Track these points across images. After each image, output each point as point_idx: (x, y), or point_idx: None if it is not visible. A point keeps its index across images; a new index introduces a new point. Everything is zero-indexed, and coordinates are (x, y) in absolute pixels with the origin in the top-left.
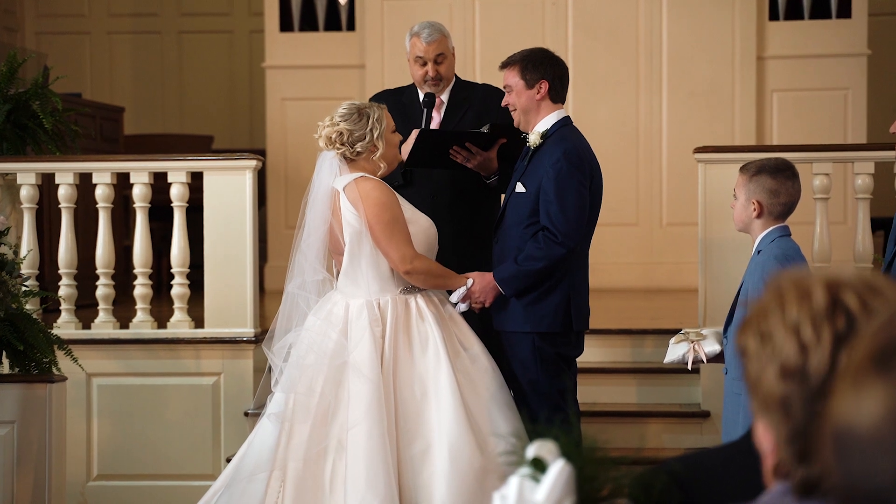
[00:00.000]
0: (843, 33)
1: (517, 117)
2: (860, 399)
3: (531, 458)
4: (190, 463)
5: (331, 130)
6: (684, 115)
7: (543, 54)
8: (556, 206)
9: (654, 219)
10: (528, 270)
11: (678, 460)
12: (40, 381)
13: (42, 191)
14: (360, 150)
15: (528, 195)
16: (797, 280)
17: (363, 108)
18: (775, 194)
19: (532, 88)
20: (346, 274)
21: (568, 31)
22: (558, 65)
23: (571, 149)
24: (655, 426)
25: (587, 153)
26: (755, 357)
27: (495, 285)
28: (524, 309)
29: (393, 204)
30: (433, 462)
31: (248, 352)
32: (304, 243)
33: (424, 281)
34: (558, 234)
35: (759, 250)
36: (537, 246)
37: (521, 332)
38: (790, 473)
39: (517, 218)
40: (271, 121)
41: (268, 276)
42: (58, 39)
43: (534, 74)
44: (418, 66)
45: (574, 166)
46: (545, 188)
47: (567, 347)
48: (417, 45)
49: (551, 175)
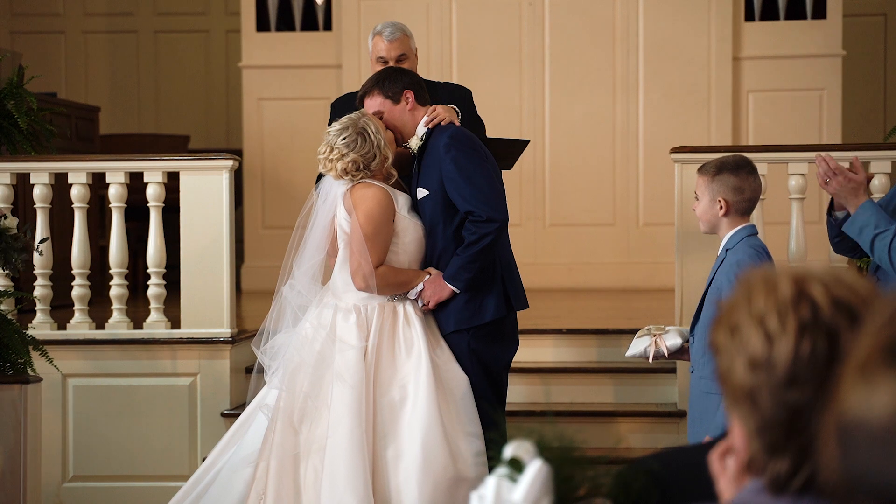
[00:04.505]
0: (819, 34)
1: (399, 136)
2: (871, 393)
3: (508, 458)
4: (166, 463)
5: (343, 164)
6: (661, 115)
7: (393, 70)
8: (467, 187)
9: (631, 219)
10: (470, 255)
11: (655, 458)
12: (15, 381)
13: (17, 191)
14: (374, 168)
15: (433, 194)
16: (765, 275)
17: (357, 127)
18: (739, 191)
19: (400, 101)
20: (338, 276)
21: (545, 31)
22: (410, 73)
23: (456, 131)
24: (632, 426)
25: (472, 134)
26: (725, 351)
27: (445, 284)
28: (464, 306)
29: (381, 218)
30: (407, 467)
31: (224, 352)
32: (303, 245)
33: (382, 292)
34: (482, 213)
35: (728, 248)
36: (468, 231)
37: (456, 331)
38: (763, 469)
39: (433, 219)
40: (248, 121)
41: (244, 276)
42: (33, 39)
43: (395, 88)
44: (380, 65)
45: (465, 145)
46: (448, 177)
47: (501, 346)
48: (379, 45)
49: (448, 161)
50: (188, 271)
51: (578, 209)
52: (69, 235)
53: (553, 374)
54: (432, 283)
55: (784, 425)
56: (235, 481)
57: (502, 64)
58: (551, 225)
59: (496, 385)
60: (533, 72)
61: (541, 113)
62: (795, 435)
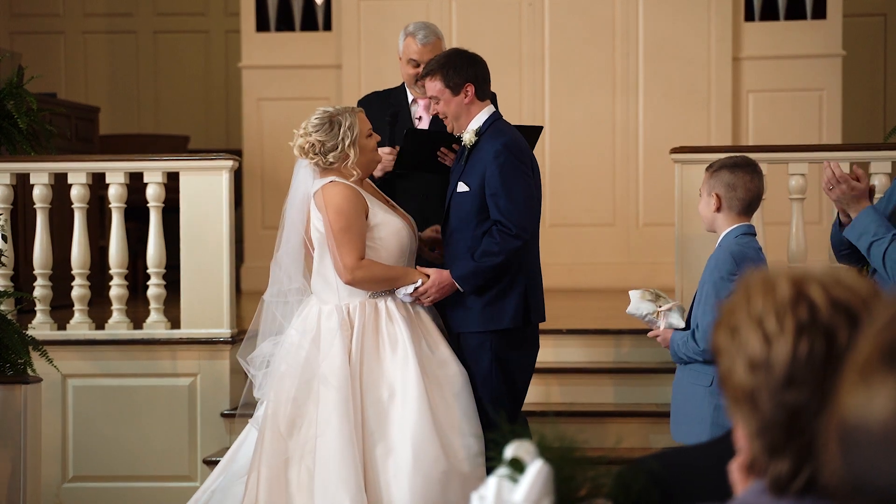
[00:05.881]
0: (819, 34)
1: (449, 124)
2: (870, 396)
3: (509, 458)
4: (166, 464)
5: (303, 142)
6: (661, 115)
7: (462, 57)
8: (505, 198)
9: (631, 219)
10: (487, 266)
11: (656, 458)
12: (15, 382)
13: (17, 191)
14: (332, 160)
15: (471, 193)
16: (764, 276)
17: (335, 115)
18: (732, 188)
19: (459, 94)
20: (316, 279)
21: (544, 31)
22: (478, 63)
23: (511, 141)
24: (632, 426)
25: (525, 145)
26: (726, 352)
27: (452, 282)
28: (483, 309)
29: (350, 211)
30: (397, 463)
31: (224, 352)
32: (282, 250)
33: (371, 287)
34: (512, 227)
35: (719, 246)
36: (493, 241)
37: (479, 331)
38: (765, 470)
39: (463, 217)
40: (247, 121)
41: (244, 276)
42: (32, 39)
43: (457, 80)
44: (410, 66)
45: (516, 157)
46: (490, 182)
47: (523, 350)
48: (411, 46)
49: (494, 168)
50: (188, 271)
51: (578, 209)
52: (69, 236)
53: (553, 375)
54: (438, 281)
55: (783, 426)
56: (228, 497)
57: (502, 64)
58: (551, 225)
59: (513, 388)
60: (533, 72)
61: (541, 113)
62: (795, 436)
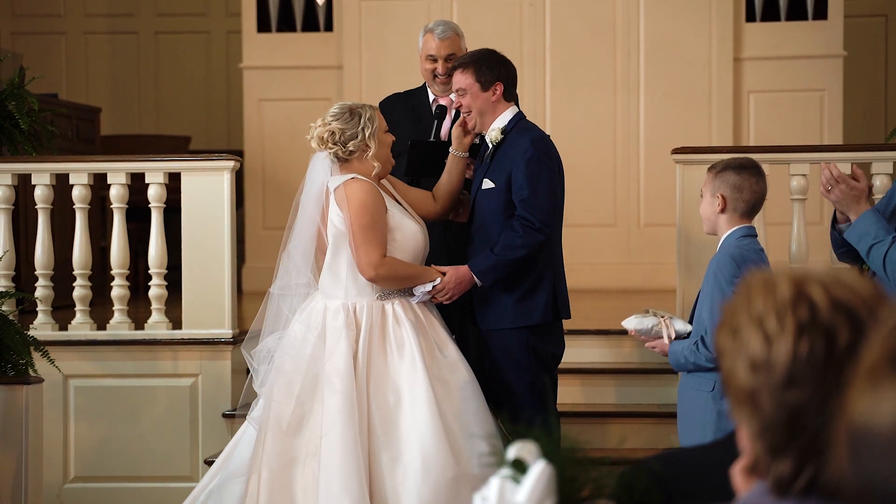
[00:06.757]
0: (820, 35)
1: (472, 119)
2: (879, 399)
3: (512, 459)
4: (168, 464)
5: (322, 130)
6: (662, 115)
7: (495, 56)
8: (529, 192)
9: (632, 219)
10: (508, 260)
11: (658, 459)
12: (17, 382)
13: (18, 191)
14: (352, 148)
15: (498, 190)
16: (765, 276)
17: (354, 107)
18: (738, 189)
19: (488, 91)
20: (326, 275)
21: (545, 31)
22: (509, 65)
23: (538, 137)
24: (634, 426)
25: (552, 144)
26: (728, 353)
27: (471, 277)
28: (514, 305)
29: (374, 208)
30: (406, 469)
31: (226, 353)
32: (292, 244)
33: (391, 284)
34: (536, 221)
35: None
36: (515, 234)
37: (513, 328)
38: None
39: (491, 213)
40: (249, 121)
41: (245, 277)
42: (33, 39)
43: (489, 77)
44: (429, 62)
45: (543, 153)
46: (516, 178)
47: (554, 344)
48: (430, 42)
49: (521, 164)
50: (189, 272)
51: (579, 209)
52: (70, 236)
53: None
54: (455, 277)
55: (784, 426)
56: (225, 496)
57: None
58: None
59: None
60: (533, 72)
61: (541, 113)
62: (796, 436)
